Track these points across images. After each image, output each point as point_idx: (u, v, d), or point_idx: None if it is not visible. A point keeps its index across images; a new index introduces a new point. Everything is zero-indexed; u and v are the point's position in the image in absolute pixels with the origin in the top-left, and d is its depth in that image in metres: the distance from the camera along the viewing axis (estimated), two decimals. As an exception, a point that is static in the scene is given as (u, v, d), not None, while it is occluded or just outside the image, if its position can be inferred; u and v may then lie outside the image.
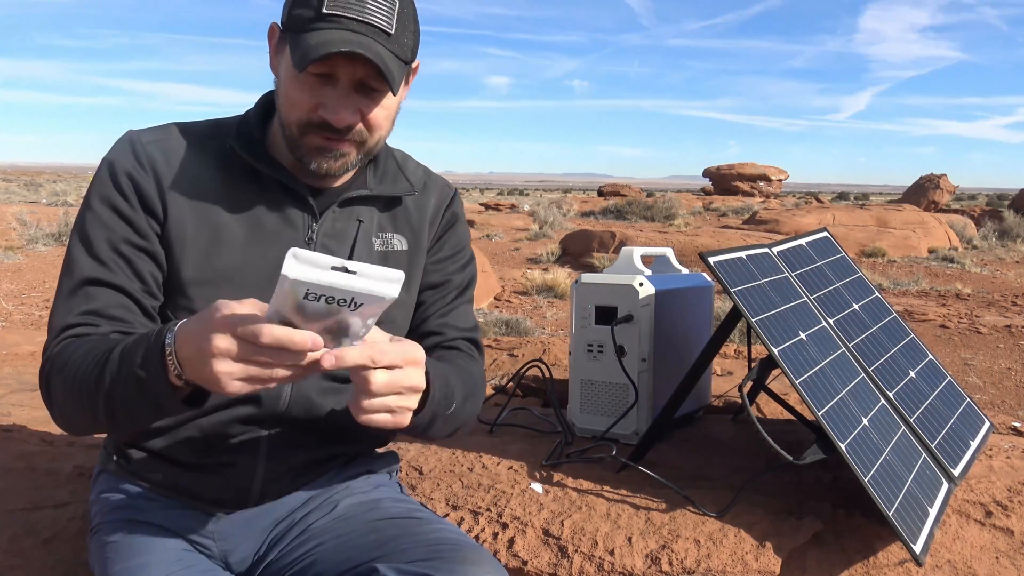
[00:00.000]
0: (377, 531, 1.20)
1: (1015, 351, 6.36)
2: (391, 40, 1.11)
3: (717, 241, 12.20)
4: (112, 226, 1.16)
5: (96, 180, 1.19)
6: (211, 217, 1.19)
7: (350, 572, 1.15)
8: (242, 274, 1.19)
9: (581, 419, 1.91)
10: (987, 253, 14.64)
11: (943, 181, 30.60)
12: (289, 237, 1.21)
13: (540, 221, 19.18)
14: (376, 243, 1.28)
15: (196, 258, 1.18)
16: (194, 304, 1.18)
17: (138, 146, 1.19)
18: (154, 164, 1.18)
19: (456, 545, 1.13)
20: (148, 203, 1.17)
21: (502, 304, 8.83)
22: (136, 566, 1.14)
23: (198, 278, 1.18)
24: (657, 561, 1.38)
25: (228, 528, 1.24)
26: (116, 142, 1.21)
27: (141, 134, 1.21)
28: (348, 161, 1.19)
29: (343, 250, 1.25)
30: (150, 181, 1.17)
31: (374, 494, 1.31)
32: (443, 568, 1.07)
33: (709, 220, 21.65)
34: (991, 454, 1.85)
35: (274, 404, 1.22)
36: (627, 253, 1.94)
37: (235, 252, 1.19)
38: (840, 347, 1.70)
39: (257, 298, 1.14)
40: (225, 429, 1.21)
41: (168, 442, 1.22)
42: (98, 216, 1.17)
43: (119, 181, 1.17)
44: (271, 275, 1.19)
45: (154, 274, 1.18)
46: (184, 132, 1.23)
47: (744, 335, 3.80)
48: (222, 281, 1.18)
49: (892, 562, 1.39)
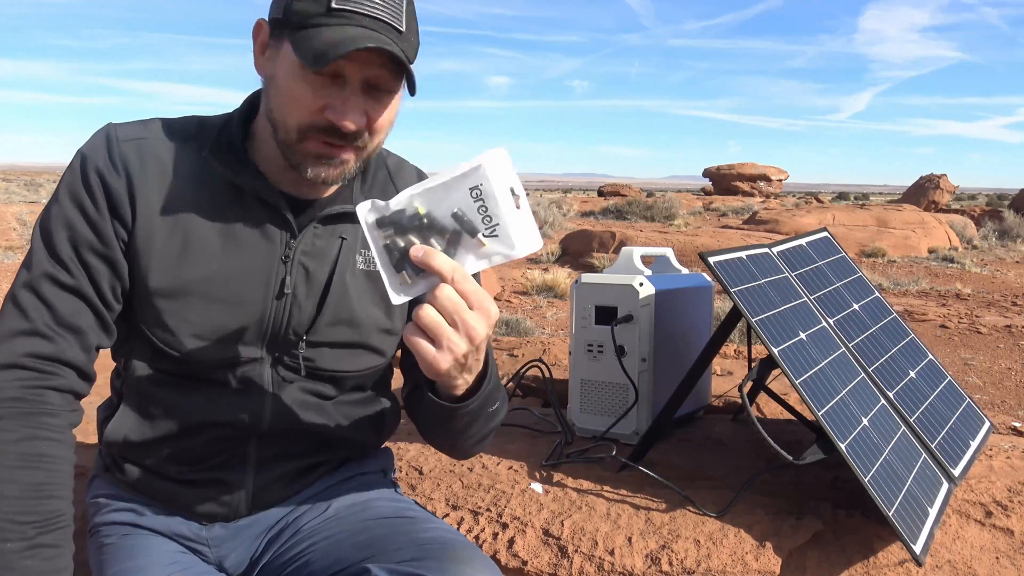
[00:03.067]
0: (368, 531, 1.19)
1: (1015, 351, 6.36)
2: (402, 38, 1.06)
3: (717, 241, 12.20)
4: (76, 226, 1.09)
5: (69, 171, 1.12)
6: (183, 225, 1.12)
7: (342, 572, 1.14)
8: (211, 286, 1.13)
9: (581, 419, 1.91)
10: (987, 253, 14.64)
11: (943, 181, 30.60)
12: (265, 252, 1.15)
13: (540, 221, 19.18)
14: (359, 261, 1.21)
15: (164, 267, 1.12)
16: (163, 315, 1.12)
17: (113, 143, 1.11)
18: (127, 165, 1.11)
19: (447, 544, 1.12)
20: (117, 206, 1.10)
21: (502, 304, 8.84)
22: (132, 568, 1.14)
23: (166, 288, 1.12)
24: (657, 561, 1.38)
25: (223, 535, 1.24)
26: (94, 134, 1.14)
27: (119, 129, 1.13)
28: (347, 169, 1.12)
29: (323, 270, 1.18)
30: (121, 183, 1.10)
31: (366, 494, 1.30)
32: (434, 567, 1.06)
33: (709, 220, 21.65)
34: (991, 454, 1.85)
35: (256, 423, 1.18)
36: (627, 253, 1.94)
37: (206, 263, 1.13)
38: (840, 347, 1.70)
39: (224, 311, 1.13)
40: (210, 447, 1.19)
41: (156, 459, 1.20)
42: (64, 212, 1.10)
43: (89, 179, 1.10)
44: (241, 289, 1.14)
45: (112, 284, 1.11)
46: (166, 131, 1.15)
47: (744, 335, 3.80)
48: (190, 293, 1.13)
49: (892, 562, 1.39)
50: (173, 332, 1.13)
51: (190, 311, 1.13)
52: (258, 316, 1.15)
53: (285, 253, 1.15)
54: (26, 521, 1.00)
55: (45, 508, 1.02)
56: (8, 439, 1.03)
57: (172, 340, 1.13)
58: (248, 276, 1.14)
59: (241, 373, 1.17)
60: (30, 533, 1.00)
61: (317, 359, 1.19)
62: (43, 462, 1.04)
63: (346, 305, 1.19)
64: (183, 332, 1.13)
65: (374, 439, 1.33)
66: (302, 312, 1.17)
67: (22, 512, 1.00)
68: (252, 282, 1.14)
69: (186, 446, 1.19)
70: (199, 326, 1.13)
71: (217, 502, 1.22)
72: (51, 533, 1.02)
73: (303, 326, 1.17)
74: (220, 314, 1.14)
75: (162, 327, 1.13)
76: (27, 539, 1.00)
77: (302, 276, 1.16)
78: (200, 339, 1.14)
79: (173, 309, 1.12)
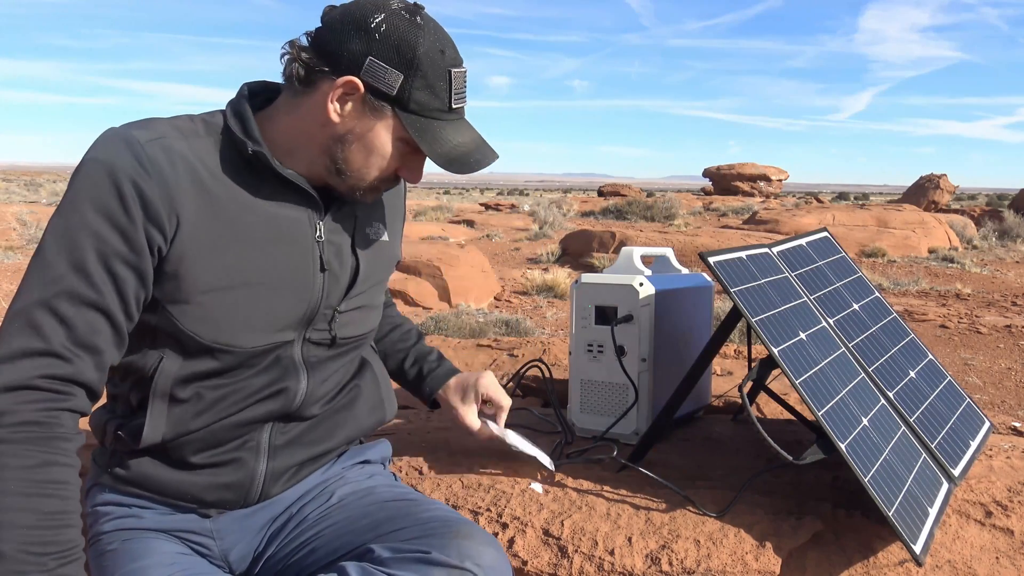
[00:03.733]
0: (371, 515, 1.23)
1: (1015, 351, 6.36)
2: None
3: (717, 241, 12.20)
4: (106, 238, 1.06)
5: (86, 181, 1.07)
6: (224, 218, 1.14)
7: (347, 555, 1.17)
8: (264, 274, 1.17)
9: (581, 419, 1.91)
10: (987, 253, 14.64)
11: (943, 181, 30.60)
12: (302, 235, 1.22)
13: (540, 221, 19.18)
14: (370, 233, 1.33)
15: (215, 263, 1.13)
16: (211, 311, 1.13)
17: (136, 147, 1.08)
18: (160, 169, 1.09)
19: (448, 521, 1.17)
20: (154, 213, 1.08)
21: (502, 304, 8.84)
22: (134, 570, 1.14)
23: (216, 284, 1.13)
24: (657, 561, 1.38)
25: (226, 527, 1.25)
26: (102, 140, 1.10)
27: (133, 132, 1.10)
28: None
29: (347, 244, 1.28)
30: (155, 187, 1.08)
31: (368, 482, 1.35)
32: (436, 544, 1.11)
33: (709, 220, 21.65)
34: (991, 454, 1.85)
35: (291, 401, 1.25)
36: (627, 253, 1.94)
37: (256, 252, 1.17)
38: (840, 347, 1.70)
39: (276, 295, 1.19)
40: (235, 430, 1.22)
41: (179, 445, 1.20)
42: (89, 224, 1.06)
43: (122, 189, 1.06)
44: (289, 276, 1.20)
45: (138, 294, 1.10)
46: (175, 129, 1.15)
47: (744, 335, 3.80)
48: (243, 284, 1.16)
49: (892, 562, 1.39)
50: (221, 326, 1.15)
51: (241, 302, 1.16)
52: (306, 295, 1.22)
53: (317, 234, 1.24)
54: (45, 552, 0.99)
55: (63, 538, 1.01)
56: (26, 465, 1.00)
57: (218, 334, 1.15)
58: (295, 257, 1.21)
59: (275, 356, 1.22)
60: (51, 565, 0.99)
61: (343, 327, 1.29)
62: (59, 489, 1.03)
63: (371, 273, 1.32)
64: (232, 324, 1.16)
65: (379, 416, 1.44)
66: (339, 285, 1.26)
67: (41, 543, 0.99)
68: (299, 262, 1.21)
69: (215, 431, 1.21)
70: (249, 316, 1.17)
71: (229, 487, 1.23)
72: (70, 564, 1.01)
73: (339, 298, 1.27)
74: (270, 300, 1.18)
75: (208, 323, 1.14)
76: (47, 571, 0.98)
77: (333, 252, 1.25)
78: (248, 329, 1.17)
79: (222, 303, 1.14)
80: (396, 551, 1.11)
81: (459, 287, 8.71)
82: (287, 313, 1.20)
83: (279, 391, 1.23)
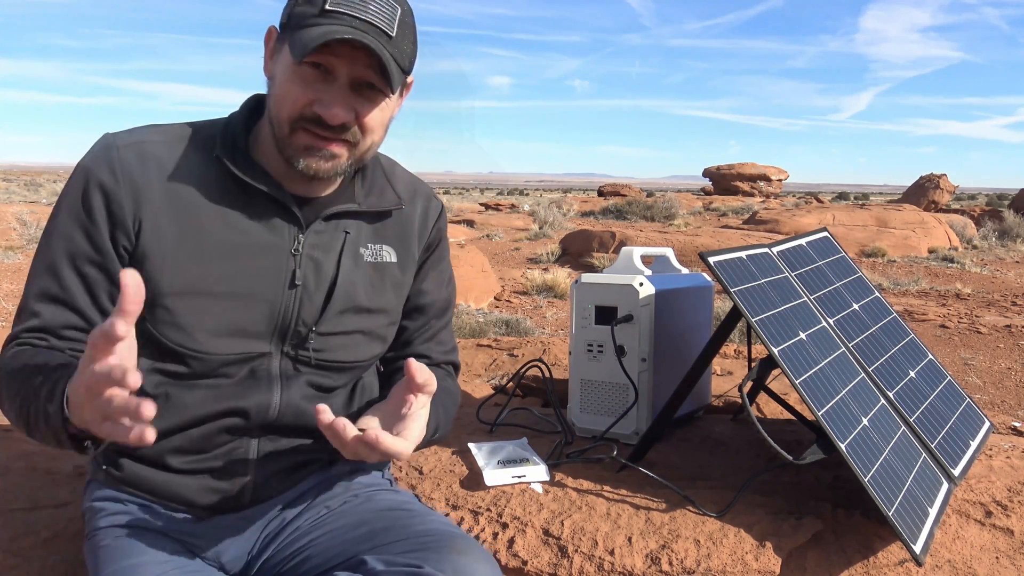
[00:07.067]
0: (367, 524, 1.22)
1: (1015, 351, 6.36)
2: (391, 42, 1.11)
3: (717, 241, 12.20)
4: (75, 239, 1.13)
5: (68, 186, 1.15)
6: (192, 225, 1.15)
7: (341, 565, 1.16)
8: (225, 283, 1.16)
9: (581, 419, 1.91)
10: (987, 253, 14.63)
11: (943, 181, 30.60)
12: (275, 247, 1.19)
13: (540, 221, 19.18)
14: (365, 254, 1.26)
15: (177, 268, 1.14)
16: (176, 316, 1.14)
17: (113, 152, 1.14)
18: (130, 172, 1.13)
19: (445, 536, 1.15)
20: (119, 217, 1.13)
21: (502, 304, 8.83)
22: (128, 567, 1.14)
23: (179, 288, 1.14)
24: (657, 561, 1.38)
25: (220, 530, 1.24)
26: (94, 145, 1.17)
27: (118, 138, 1.16)
28: (339, 164, 1.15)
29: (330, 261, 1.22)
30: (124, 191, 1.13)
31: (365, 489, 1.33)
32: (431, 558, 1.09)
33: (709, 220, 21.66)
34: (991, 454, 1.85)
35: (264, 414, 1.21)
36: (627, 253, 1.94)
37: (219, 261, 1.16)
38: (840, 347, 1.70)
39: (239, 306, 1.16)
40: (215, 438, 1.21)
41: (158, 450, 1.20)
42: (63, 226, 1.14)
43: (89, 194, 1.13)
44: (255, 284, 1.17)
45: (111, 292, 1.14)
46: (162, 135, 1.19)
47: (744, 335, 3.80)
48: (204, 291, 1.15)
49: (892, 562, 1.39)
50: (187, 331, 1.15)
51: (204, 309, 1.15)
52: (272, 309, 1.19)
53: (294, 247, 1.19)
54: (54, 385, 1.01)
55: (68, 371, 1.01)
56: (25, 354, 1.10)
57: (185, 339, 1.15)
58: (261, 271, 1.18)
59: (251, 368, 1.20)
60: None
61: (326, 349, 1.24)
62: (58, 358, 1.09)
63: (354, 294, 1.24)
64: (197, 331, 1.15)
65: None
66: (312, 303, 1.21)
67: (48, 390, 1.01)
68: (265, 276, 1.18)
69: (192, 436, 1.20)
70: (214, 323, 1.16)
71: (219, 492, 1.23)
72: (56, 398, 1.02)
73: (313, 317, 1.22)
74: (234, 310, 1.16)
75: (175, 327, 1.15)
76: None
77: (311, 268, 1.21)
78: (215, 336, 1.16)
79: (187, 308, 1.15)
80: (390, 564, 1.09)
81: (459, 287, 8.67)
82: (252, 325, 1.18)
83: (252, 403, 1.20)
